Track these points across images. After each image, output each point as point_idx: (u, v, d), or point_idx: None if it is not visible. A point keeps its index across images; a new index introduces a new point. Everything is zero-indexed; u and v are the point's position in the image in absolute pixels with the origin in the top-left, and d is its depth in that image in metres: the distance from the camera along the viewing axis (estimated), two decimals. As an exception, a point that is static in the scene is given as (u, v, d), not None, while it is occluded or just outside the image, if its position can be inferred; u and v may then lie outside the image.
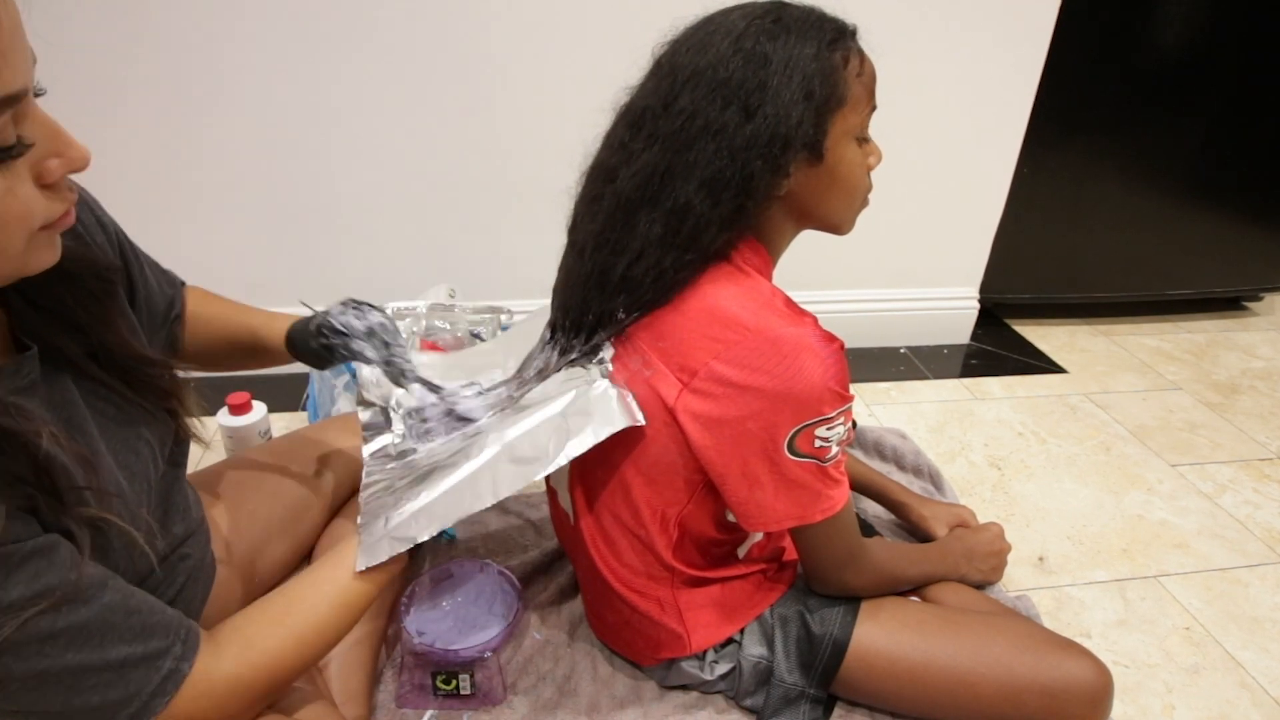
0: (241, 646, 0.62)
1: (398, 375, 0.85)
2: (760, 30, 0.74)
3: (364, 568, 0.69)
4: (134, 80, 1.43)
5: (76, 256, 0.61)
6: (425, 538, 0.71)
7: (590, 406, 0.78)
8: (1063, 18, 1.68)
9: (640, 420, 0.79)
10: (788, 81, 0.73)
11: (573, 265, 0.84)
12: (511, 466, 0.76)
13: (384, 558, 0.70)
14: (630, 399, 0.80)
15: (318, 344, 0.83)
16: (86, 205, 0.69)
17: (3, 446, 0.50)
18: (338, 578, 0.69)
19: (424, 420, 0.87)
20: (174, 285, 0.83)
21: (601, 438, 0.76)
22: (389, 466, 0.83)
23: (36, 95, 0.48)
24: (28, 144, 0.47)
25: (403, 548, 0.71)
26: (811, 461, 0.77)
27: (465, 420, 0.87)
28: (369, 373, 0.89)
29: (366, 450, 0.85)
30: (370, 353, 0.83)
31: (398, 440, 0.87)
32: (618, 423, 0.77)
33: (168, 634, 0.58)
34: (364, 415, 0.89)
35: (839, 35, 0.76)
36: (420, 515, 0.73)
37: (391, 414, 0.88)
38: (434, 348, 1.40)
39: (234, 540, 0.91)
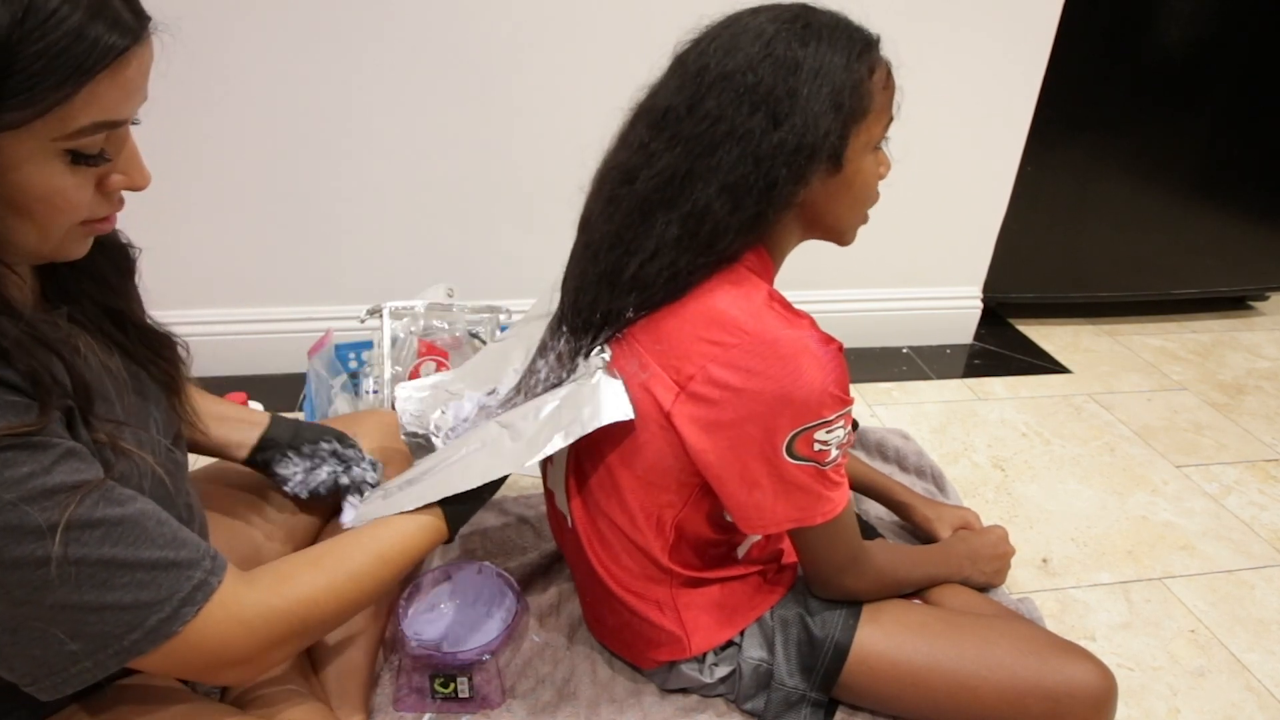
0: (275, 580, 0.65)
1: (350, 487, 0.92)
2: (791, 35, 0.73)
3: (348, 525, 0.76)
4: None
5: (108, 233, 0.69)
6: (410, 508, 0.75)
7: (583, 400, 0.79)
8: (1066, 15, 1.67)
9: (630, 414, 0.78)
10: (818, 91, 0.72)
11: (587, 265, 0.83)
12: (502, 452, 0.78)
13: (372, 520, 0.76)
14: (623, 391, 0.80)
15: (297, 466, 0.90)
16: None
17: (44, 353, 0.56)
18: (377, 533, 0.73)
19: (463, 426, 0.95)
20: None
21: (590, 429, 0.76)
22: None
23: (133, 124, 0.58)
24: (107, 159, 0.56)
25: (389, 511, 0.76)
26: (811, 465, 0.76)
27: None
28: (404, 405, 0.98)
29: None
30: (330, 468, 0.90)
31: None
32: (607, 415, 0.77)
33: (197, 549, 0.60)
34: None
35: (867, 46, 0.76)
36: (413, 489, 0.78)
37: (432, 439, 0.95)
38: (432, 348, 1.39)
39: (230, 541, 0.90)
